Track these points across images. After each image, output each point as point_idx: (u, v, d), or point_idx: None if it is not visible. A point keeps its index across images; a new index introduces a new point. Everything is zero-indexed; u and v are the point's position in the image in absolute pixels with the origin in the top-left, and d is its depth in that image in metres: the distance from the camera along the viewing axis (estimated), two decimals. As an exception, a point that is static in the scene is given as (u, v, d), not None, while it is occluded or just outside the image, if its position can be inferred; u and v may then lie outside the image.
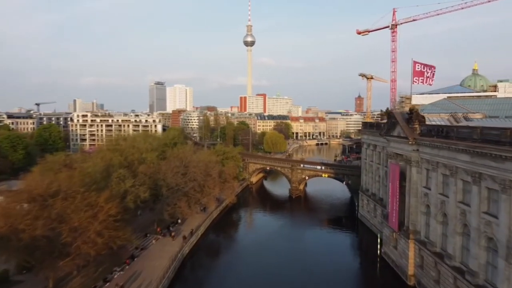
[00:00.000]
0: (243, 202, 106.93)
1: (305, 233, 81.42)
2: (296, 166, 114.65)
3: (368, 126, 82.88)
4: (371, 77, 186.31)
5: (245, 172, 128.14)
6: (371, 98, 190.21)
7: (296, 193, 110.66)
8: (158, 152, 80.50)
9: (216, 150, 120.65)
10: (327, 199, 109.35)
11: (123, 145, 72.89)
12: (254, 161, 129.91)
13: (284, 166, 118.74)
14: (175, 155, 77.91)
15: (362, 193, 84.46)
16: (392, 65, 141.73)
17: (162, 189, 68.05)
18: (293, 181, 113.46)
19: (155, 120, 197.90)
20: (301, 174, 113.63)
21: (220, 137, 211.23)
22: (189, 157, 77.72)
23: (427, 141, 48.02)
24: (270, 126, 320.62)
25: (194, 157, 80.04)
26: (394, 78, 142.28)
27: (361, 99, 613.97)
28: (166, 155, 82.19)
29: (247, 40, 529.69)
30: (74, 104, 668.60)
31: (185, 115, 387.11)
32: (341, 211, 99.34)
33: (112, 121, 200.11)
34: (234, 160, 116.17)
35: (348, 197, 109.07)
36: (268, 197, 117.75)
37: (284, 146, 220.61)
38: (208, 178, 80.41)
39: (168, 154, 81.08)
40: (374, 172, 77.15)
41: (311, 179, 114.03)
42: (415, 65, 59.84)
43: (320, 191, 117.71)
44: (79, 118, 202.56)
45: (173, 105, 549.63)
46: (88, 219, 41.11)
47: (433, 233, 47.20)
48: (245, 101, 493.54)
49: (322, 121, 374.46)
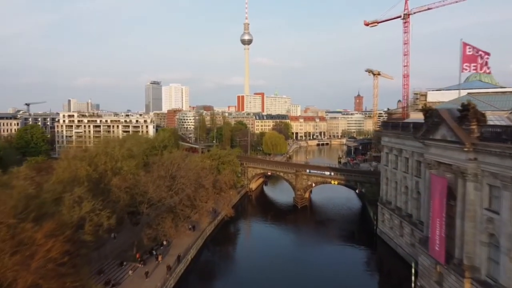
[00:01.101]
0: (241, 213, 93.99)
1: (315, 252, 68.64)
2: (301, 171, 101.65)
3: (391, 127, 69.91)
4: (378, 73, 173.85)
5: (243, 178, 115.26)
6: (377, 96, 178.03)
7: (301, 202, 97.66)
8: (139, 159, 66.83)
9: (211, 153, 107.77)
10: (337, 210, 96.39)
11: (93, 151, 59.34)
12: (254, 165, 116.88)
13: (288, 171, 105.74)
14: (160, 163, 64.71)
15: (383, 205, 71.54)
16: (405, 59, 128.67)
17: (141, 206, 54.96)
18: (297, 188, 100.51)
19: (146, 120, 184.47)
20: (307, 181, 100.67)
21: (217, 138, 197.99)
22: (177, 164, 64.52)
23: (494, 148, 35.12)
24: (269, 126, 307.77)
25: (184, 165, 66.89)
26: (407, 73, 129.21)
27: (361, 98, 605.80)
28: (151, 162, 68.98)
29: (244, 39, 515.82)
30: (69, 104, 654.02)
31: (181, 115, 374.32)
32: (354, 225, 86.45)
33: (101, 122, 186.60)
34: (231, 165, 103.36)
35: (360, 207, 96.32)
36: (269, 207, 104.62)
37: (284, 147, 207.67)
38: (200, 189, 67.55)
39: (152, 161, 67.80)
40: (399, 182, 64.20)
41: (317, 186, 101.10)
42: (465, 48, 46.77)
43: (328, 199, 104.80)
44: (65, 118, 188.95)
45: (169, 105, 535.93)
46: (17, 266, 28.05)
47: (505, 274, 34.29)
48: (242, 101, 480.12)
49: (323, 120, 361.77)
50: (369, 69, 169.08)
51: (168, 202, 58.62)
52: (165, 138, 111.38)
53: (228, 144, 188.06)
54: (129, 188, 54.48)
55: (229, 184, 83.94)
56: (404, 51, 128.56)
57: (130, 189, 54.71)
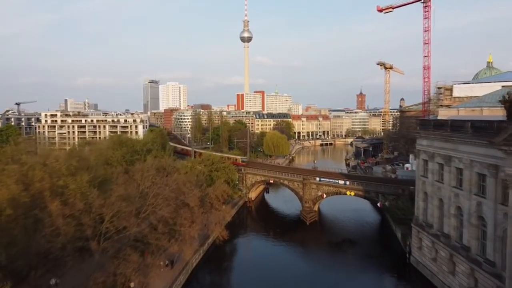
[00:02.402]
0: (239, 231, 77.81)
1: (329, 283, 52.91)
2: (310, 179, 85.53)
3: (432, 126, 53.62)
4: (390, 66, 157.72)
5: (241, 185, 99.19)
6: (389, 92, 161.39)
7: (310, 217, 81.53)
8: (92, 174, 50.12)
9: (202, 158, 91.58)
10: (354, 228, 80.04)
11: (28, 162, 42.85)
12: (253, 171, 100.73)
13: (293, 179, 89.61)
14: (126, 178, 48.64)
15: (419, 228, 55.38)
16: (425, 49, 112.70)
17: (93, 241, 38.92)
18: (305, 200, 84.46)
19: (135, 120, 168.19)
20: (317, 191, 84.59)
21: (213, 140, 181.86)
22: (150, 178, 48.42)
23: None
24: (269, 126, 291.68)
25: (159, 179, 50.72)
26: (428, 64, 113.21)
27: (363, 96, 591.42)
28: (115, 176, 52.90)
29: (244, 36, 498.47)
30: (66, 104, 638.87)
31: (178, 114, 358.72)
32: (377, 249, 70.10)
33: (86, 122, 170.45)
34: (226, 173, 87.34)
35: (383, 224, 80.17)
36: (272, 222, 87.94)
37: (286, 148, 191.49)
38: (183, 209, 51.48)
39: (116, 175, 51.73)
40: (447, 200, 48.04)
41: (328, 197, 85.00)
42: None
43: (342, 214, 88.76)
44: (47, 118, 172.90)
45: (166, 104, 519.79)
46: None
47: None
48: (242, 99, 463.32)
49: (326, 119, 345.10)
50: (381, 61, 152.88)
51: (134, 231, 42.51)
52: (149, 141, 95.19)
53: (226, 145, 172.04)
54: (76, 215, 38.40)
55: (223, 198, 67.90)
56: (425, 39, 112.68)
57: (78, 216, 38.64)
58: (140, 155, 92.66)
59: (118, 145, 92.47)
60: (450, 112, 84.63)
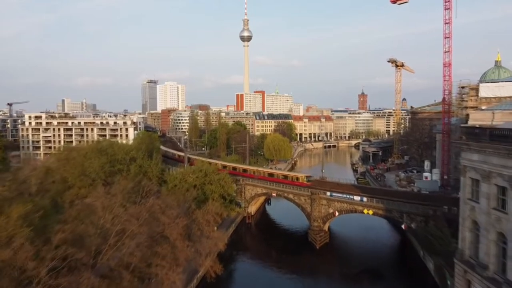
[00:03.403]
0: (236, 257, 65.52)
1: None
2: (319, 194, 73.16)
3: (489, 136, 41.11)
4: (401, 64, 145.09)
5: (240, 198, 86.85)
6: (400, 92, 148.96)
7: (320, 239, 69.29)
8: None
9: (194, 169, 79.18)
10: (372, 253, 67.77)
11: None
12: (253, 182, 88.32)
13: (300, 193, 77.21)
14: (83, 207, 36.31)
15: (466, 266, 42.94)
16: (446, 43, 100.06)
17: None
18: (314, 218, 72.15)
19: (126, 122, 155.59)
20: (327, 208, 72.23)
21: (210, 143, 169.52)
22: (110, 210, 36.00)
23: None
24: (270, 127, 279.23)
25: (132, 208, 38.30)
26: (449, 61, 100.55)
27: (365, 96, 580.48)
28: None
29: (243, 35, 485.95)
30: (63, 104, 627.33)
31: (175, 115, 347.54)
32: (403, 282, 57.77)
33: (73, 124, 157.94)
34: (221, 186, 75.01)
35: (404, 247, 67.78)
36: (276, 244, 74.56)
37: (289, 152, 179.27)
38: (162, 245, 39.20)
39: (69, 201, 39.39)
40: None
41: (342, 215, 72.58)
42: None
43: (357, 235, 76.62)
44: (31, 120, 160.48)
45: (164, 104, 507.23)
46: None
47: None
48: (242, 99, 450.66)
49: (329, 120, 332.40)
50: (392, 59, 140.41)
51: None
52: (133, 148, 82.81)
53: (224, 149, 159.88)
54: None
55: (216, 222, 55.58)
56: (445, 33, 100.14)
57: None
58: (123, 164, 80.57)
59: (97, 153, 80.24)
60: (484, 115, 72.28)
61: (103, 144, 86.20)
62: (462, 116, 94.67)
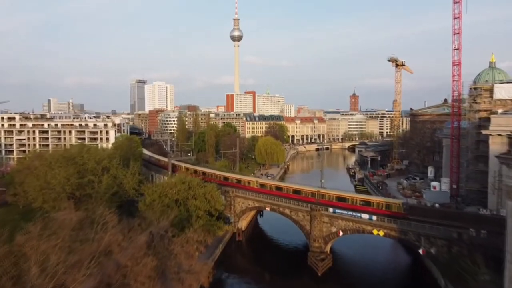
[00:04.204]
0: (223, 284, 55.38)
1: None
2: (320, 210, 63.43)
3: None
4: (402, 63, 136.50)
5: (229, 212, 76.82)
6: (401, 93, 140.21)
7: (323, 265, 59.51)
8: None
9: (175, 181, 68.83)
10: (384, 283, 58.20)
11: None
12: (244, 195, 78.25)
13: (297, 208, 67.37)
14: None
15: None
16: (456, 40, 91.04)
17: None
18: (314, 238, 62.48)
19: (107, 124, 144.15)
20: (330, 226, 62.60)
21: (198, 146, 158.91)
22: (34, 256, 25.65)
23: None
24: (261, 129, 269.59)
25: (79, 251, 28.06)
26: (459, 59, 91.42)
27: (356, 97, 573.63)
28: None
29: (234, 35, 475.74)
30: (49, 104, 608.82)
31: (163, 115, 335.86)
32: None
33: (49, 126, 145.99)
34: (208, 200, 64.99)
35: (421, 275, 58.32)
36: (270, 268, 63.87)
37: (282, 156, 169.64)
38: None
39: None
40: None
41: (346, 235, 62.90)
42: None
43: (362, 256, 67.04)
44: (3, 122, 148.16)
45: (152, 105, 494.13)
46: None
47: None
48: (232, 100, 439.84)
49: (322, 121, 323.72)
50: (393, 57, 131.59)
51: None
52: (106, 156, 72.17)
53: (213, 154, 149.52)
54: None
55: (198, 251, 45.51)
56: (455, 28, 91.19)
57: None
58: (95, 175, 69.91)
59: (63, 162, 69.52)
60: (509, 120, 63.44)
61: (71, 152, 75.31)
62: (475, 119, 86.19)
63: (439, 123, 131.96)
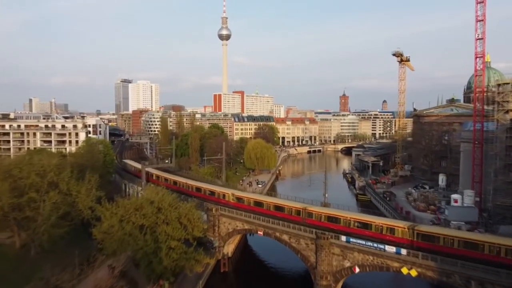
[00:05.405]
0: None
1: None
2: (329, 238, 48.98)
3: None
4: (407, 59, 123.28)
5: (212, 235, 62.06)
6: (405, 92, 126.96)
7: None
8: None
9: (142, 201, 53.54)
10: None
11: None
12: (231, 214, 63.36)
13: (299, 234, 52.83)
14: None
15: None
16: (479, 28, 78.08)
17: None
18: (321, 274, 48.04)
19: (76, 126, 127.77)
20: (342, 259, 48.20)
21: (181, 150, 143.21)
22: None
23: None
24: (250, 130, 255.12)
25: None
26: (482, 51, 78.57)
27: (346, 98, 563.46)
28: None
29: (222, 34, 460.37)
30: (30, 104, 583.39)
31: (147, 116, 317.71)
32: None
33: (11, 128, 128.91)
34: (184, 225, 50.09)
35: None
36: None
37: (273, 160, 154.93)
38: None
39: None
40: None
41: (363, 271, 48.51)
42: None
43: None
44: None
45: (136, 105, 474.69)
46: None
47: None
48: (219, 100, 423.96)
49: (313, 123, 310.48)
50: (398, 52, 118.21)
51: None
52: (53, 167, 56.42)
53: (197, 158, 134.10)
54: None
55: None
56: (478, 15, 78.39)
57: None
58: (39, 192, 54.25)
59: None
60: None
61: (9, 162, 59.44)
62: (505, 121, 72.97)
63: (447, 125, 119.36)
